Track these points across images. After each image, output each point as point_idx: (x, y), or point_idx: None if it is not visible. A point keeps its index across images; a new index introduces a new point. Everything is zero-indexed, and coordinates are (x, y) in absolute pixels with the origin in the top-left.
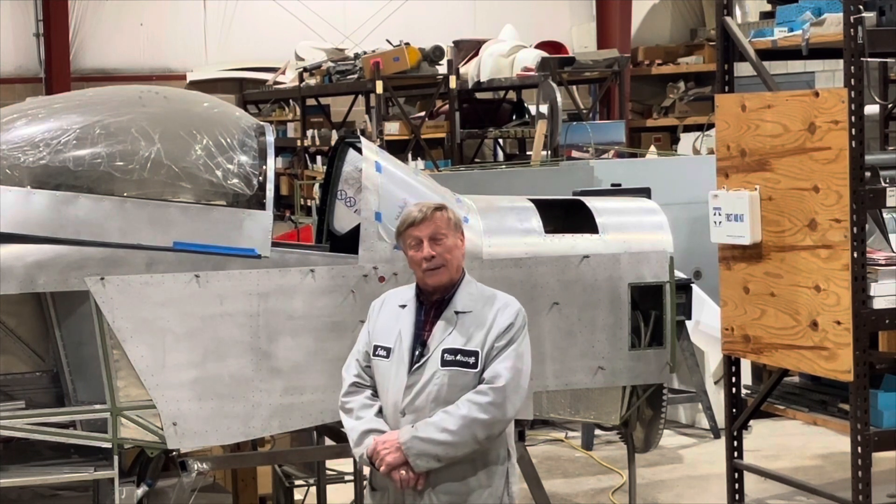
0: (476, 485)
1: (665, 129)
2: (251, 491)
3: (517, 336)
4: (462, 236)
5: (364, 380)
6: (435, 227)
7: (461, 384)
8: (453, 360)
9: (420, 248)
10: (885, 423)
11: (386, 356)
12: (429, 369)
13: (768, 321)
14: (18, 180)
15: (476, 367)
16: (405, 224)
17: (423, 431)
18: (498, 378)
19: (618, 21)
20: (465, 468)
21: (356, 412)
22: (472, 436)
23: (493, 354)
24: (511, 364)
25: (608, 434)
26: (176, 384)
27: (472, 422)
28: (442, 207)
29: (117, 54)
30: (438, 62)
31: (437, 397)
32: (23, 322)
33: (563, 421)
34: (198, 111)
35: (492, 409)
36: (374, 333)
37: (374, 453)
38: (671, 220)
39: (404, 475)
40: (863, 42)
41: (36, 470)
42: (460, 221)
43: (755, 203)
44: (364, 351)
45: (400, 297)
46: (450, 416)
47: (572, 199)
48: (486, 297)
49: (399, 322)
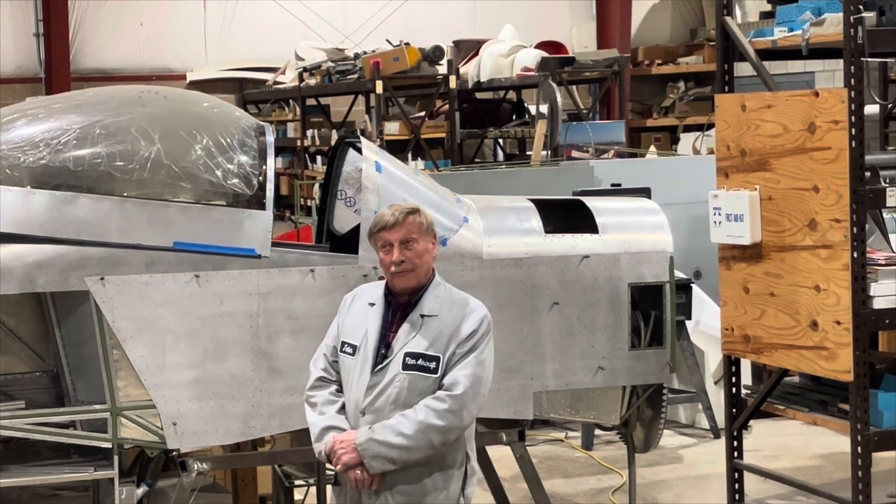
0: (432, 487)
1: (665, 129)
2: (251, 491)
3: (479, 343)
4: (434, 240)
5: (330, 375)
6: (406, 231)
7: (421, 388)
8: (414, 364)
9: (390, 251)
10: (885, 423)
11: (352, 353)
12: (390, 371)
13: (768, 321)
14: (18, 180)
15: (436, 373)
16: (377, 227)
17: (380, 434)
18: (456, 385)
19: (618, 21)
20: (421, 470)
21: (319, 407)
22: (427, 441)
23: (455, 361)
24: (471, 371)
25: (608, 434)
26: (176, 384)
27: (427, 427)
28: (415, 211)
29: (117, 54)
30: (438, 62)
31: (396, 400)
32: (23, 322)
33: (563, 421)
34: (198, 111)
35: (448, 416)
36: (343, 329)
37: (332, 451)
38: (671, 220)
39: (359, 475)
40: (863, 42)
41: (36, 470)
42: (432, 225)
43: (755, 203)
44: (332, 346)
45: (370, 295)
46: (406, 421)
47: (572, 199)
48: (453, 301)
49: (367, 320)
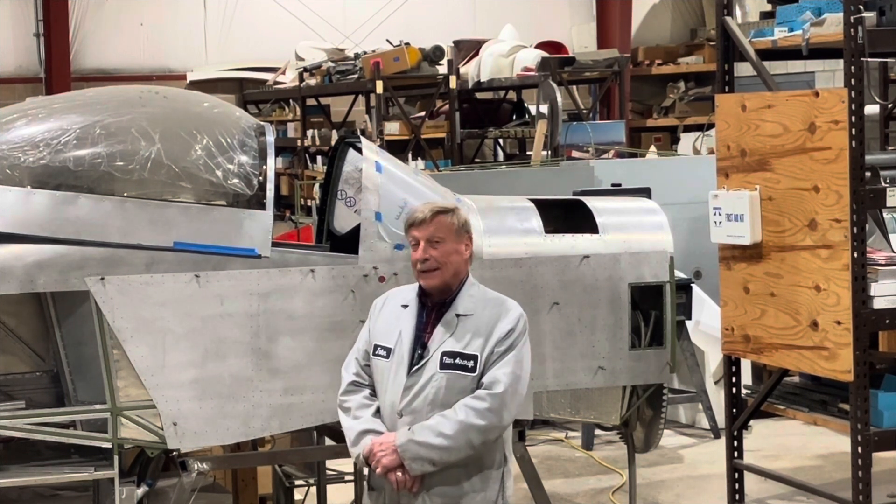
0: (470, 488)
1: (665, 129)
2: (251, 491)
3: (517, 342)
4: (468, 241)
5: (363, 379)
6: (434, 229)
7: (459, 387)
8: (452, 363)
9: (417, 248)
10: (885, 423)
11: (386, 356)
12: (427, 371)
13: (768, 321)
14: (18, 180)
15: (475, 372)
16: (408, 223)
17: (420, 435)
18: (496, 384)
19: (618, 21)
20: (459, 472)
21: (354, 411)
22: (467, 441)
23: (493, 360)
24: (510, 370)
25: (608, 434)
26: (176, 384)
27: (468, 427)
28: (447, 211)
29: (117, 54)
30: (438, 62)
31: (434, 400)
32: (23, 322)
33: (563, 421)
34: (198, 111)
35: (489, 416)
36: (375, 333)
37: (371, 455)
38: (671, 220)
39: (400, 477)
40: (863, 42)
41: (36, 470)
42: (468, 226)
43: (755, 203)
44: (364, 350)
45: (402, 297)
46: (447, 421)
47: (572, 199)
48: (487, 301)
49: (400, 322)
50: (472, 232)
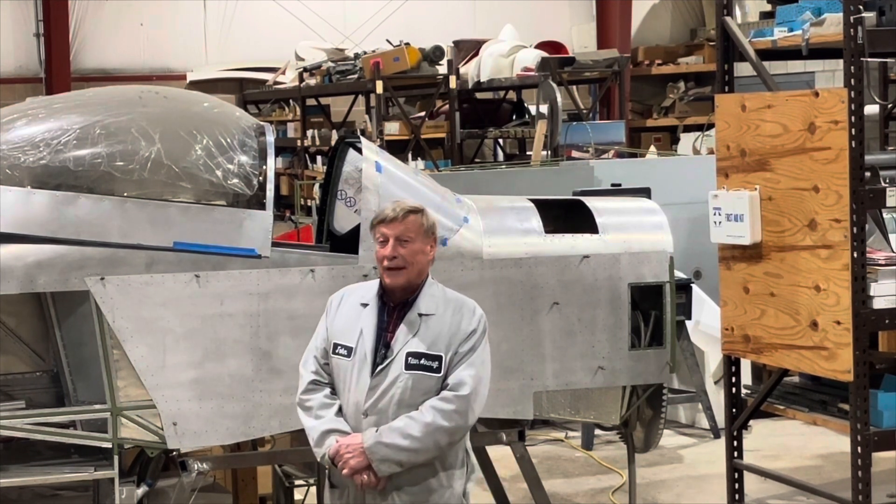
0: (437, 485)
1: (665, 129)
2: (251, 491)
3: (479, 343)
4: (434, 243)
5: (322, 377)
6: (404, 228)
7: (424, 388)
8: (417, 363)
9: (385, 245)
10: (885, 423)
11: (347, 355)
12: (392, 372)
13: (768, 321)
14: (18, 180)
15: (439, 372)
16: (377, 219)
17: (387, 437)
18: (462, 386)
19: (618, 21)
20: (426, 470)
21: (315, 410)
22: (434, 443)
23: (456, 360)
24: (475, 372)
25: (608, 434)
26: (176, 384)
27: (436, 429)
28: (417, 211)
29: (117, 54)
30: (438, 62)
31: (400, 400)
32: (23, 322)
33: (563, 421)
34: (198, 111)
35: (455, 417)
36: (333, 331)
37: (338, 455)
38: (671, 220)
39: (366, 479)
40: (863, 42)
41: (36, 470)
42: (435, 228)
43: (755, 203)
44: (322, 348)
45: (360, 295)
46: (414, 423)
47: (572, 199)
48: (448, 301)
49: (360, 321)
50: (437, 234)
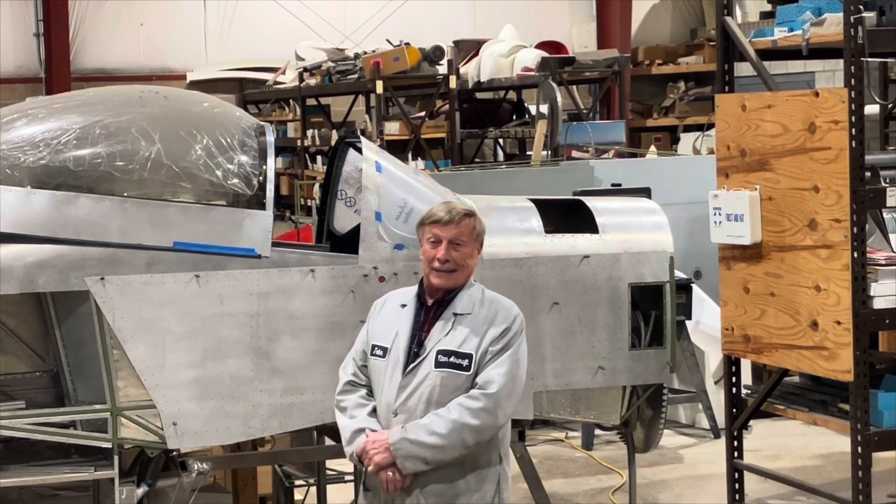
0: (465, 488)
1: (665, 129)
2: (251, 491)
3: (513, 341)
4: (480, 247)
5: (360, 379)
6: (458, 232)
7: (453, 386)
8: (447, 361)
9: (437, 247)
10: (885, 423)
11: (382, 356)
12: (423, 370)
13: (768, 321)
14: (18, 180)
15: (469, 370)
16: (430, 219)
17: (413, 433)
18: (491, 384)
19: (618, 21)
20: (454, 471)
21: (350, 411)
22: (461, 440)
23: (488, 359)
24: (505, 370)
25: (608, 434)
26: (176, 384)
27: (461, 426)
28: (471, 215)
29: (117, 54)
30: (438, 62)
31: (429, 398)
32: (23, 322)
33: (563, 421)
34: (198, 111)
35: (483, 415)
36: (373, 333)
37: (363, 452)
38: (671, 220)
39: (391, 476)
40: (863, 42)
41: (36, 470)
42: (483, 233)
43: (755, 203)
44: (361, 350)
45: (401, 297)
46: (440, 420)
47: (572, 199)
48: (485, 301)
49: (398, 322)
50: (483, 239)
